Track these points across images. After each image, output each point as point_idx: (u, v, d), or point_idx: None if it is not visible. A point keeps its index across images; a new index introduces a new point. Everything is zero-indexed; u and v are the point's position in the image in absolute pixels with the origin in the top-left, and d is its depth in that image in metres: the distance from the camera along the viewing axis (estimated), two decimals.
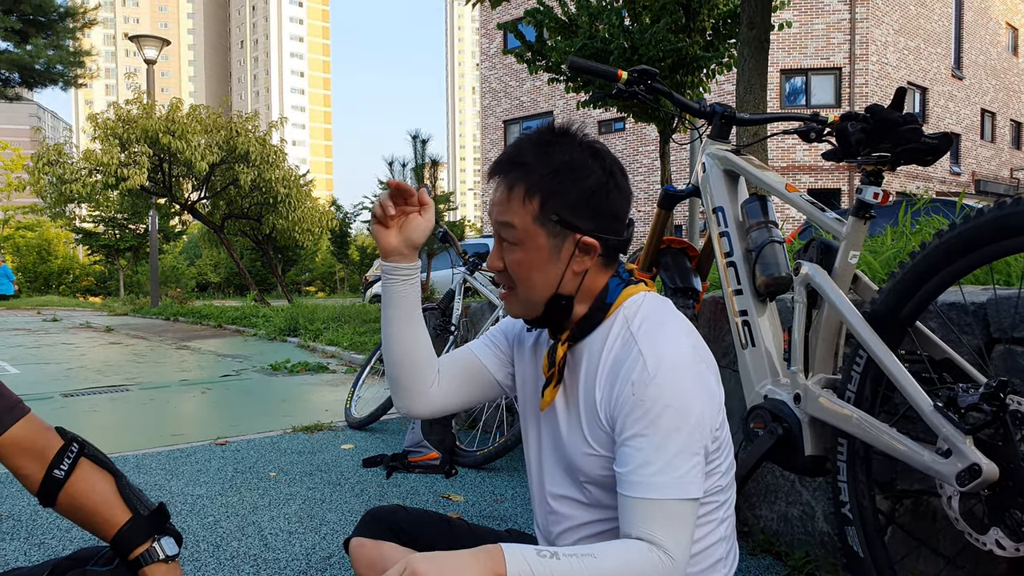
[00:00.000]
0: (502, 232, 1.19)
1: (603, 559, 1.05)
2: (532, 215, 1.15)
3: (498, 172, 1.20)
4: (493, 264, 1.21)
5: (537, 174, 1.16)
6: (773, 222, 1.82)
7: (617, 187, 1.19)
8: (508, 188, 1.17)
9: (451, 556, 1.02)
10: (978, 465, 1.17)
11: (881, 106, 1.44)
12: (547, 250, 1.17)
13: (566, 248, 1.17)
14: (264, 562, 2.14)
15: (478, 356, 1.40)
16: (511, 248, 1.18)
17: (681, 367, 1.11)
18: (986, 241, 1.23)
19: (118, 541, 1.29)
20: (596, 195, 1.16)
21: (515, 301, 1.22)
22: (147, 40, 14.67)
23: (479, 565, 1.00)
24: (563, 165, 1.16)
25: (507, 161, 1.19)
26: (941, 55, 23.49)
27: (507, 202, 1.17)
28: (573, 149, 1.18)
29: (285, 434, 3.89)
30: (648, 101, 2.04)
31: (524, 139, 1.22)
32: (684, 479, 1.08)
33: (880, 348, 1.38)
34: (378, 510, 1.55)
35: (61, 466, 1.28)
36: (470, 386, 1.40)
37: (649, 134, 20.79)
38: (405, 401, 1.37)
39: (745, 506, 2.25)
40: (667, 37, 7.03)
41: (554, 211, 1.15)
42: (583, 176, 1.16)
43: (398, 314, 1.30)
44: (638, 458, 1.09)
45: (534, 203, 1.15)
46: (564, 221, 1.15)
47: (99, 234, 27.10)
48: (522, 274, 1.18)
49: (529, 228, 1.16)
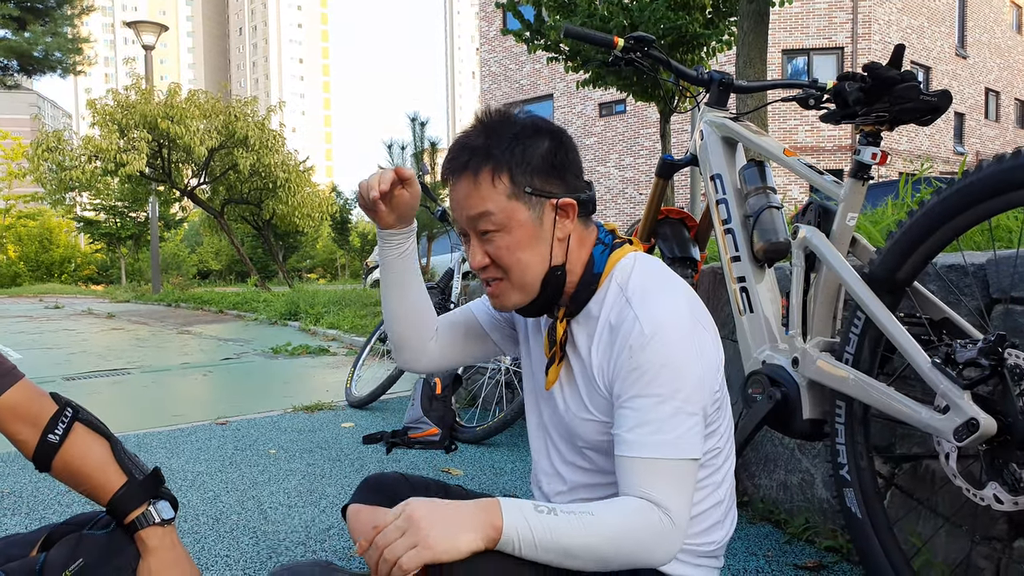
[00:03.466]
0: (479, 225, 1.16)
1: (601, 516, 1.04)
2: (505, 193, 1.14)
3: (455, 168, 1.17)
4: (476, 263, 1.18)
5: (496, 151, 1.14)
6: (771, 188, 1.80)
7: (569, 145, 1.20)
8: (473, 175, 1.15)
9: (450, 504, 1.03)
10: (975, 419, 1.16)
11: (879, 64, 1.42)
12: (530, 224, 1.16)
13: (546, 217, 1.17)
14: (263, 534, 2.15)
15: (476, 316, 1.43)
16: (493, 236, 1.16)
17: (677, 328, 1.10)
18: (985, 196, 1.22)
19: (113, 505, 1.29)
20: (556, 156, 1.16)
21: (509, 290, 1.19)
22: (145, 26, 14.59)
23: (475, 517, 1.01)
24: (515, 137, 1.16)
25: (461, 151, 1.17)
26: (945, 34, 23.30)
27: (476, 191, 1.15)
28: (515, 124, 1.18)
29: (286, 413, 3.89)
30: (645, 68, 2.02)
31: (463, 135, 1.20)
32: (682, 439, 1.07)
33: (878, 308, 1.37)
34: (376, 477, 1.56)
35: (56, 431, 1.28)
36: (467, 343, 1.43)
37: (650, 116, 20.68)
38: (405, 355, 1.42)
39: (744, 475, 2.25)
40: (666, 15, 6.96)
41: (525, 183, 1.14)
42: (537, 142, 1.16)
43: (397, 274, 1.35)
44: (635, 418, 1.08)
45: (504, 180, 1.14)
46: (537, 190, 1.15)
47: (100, 222, 27.10)
48: (512, 258, 1.16)
49: (507, 207, 1.14)
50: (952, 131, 23.90)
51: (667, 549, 1.06)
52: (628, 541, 1.03)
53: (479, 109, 1.28)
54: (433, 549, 0.97)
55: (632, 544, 1.04)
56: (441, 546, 0.98)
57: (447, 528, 0.99)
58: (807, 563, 1.82)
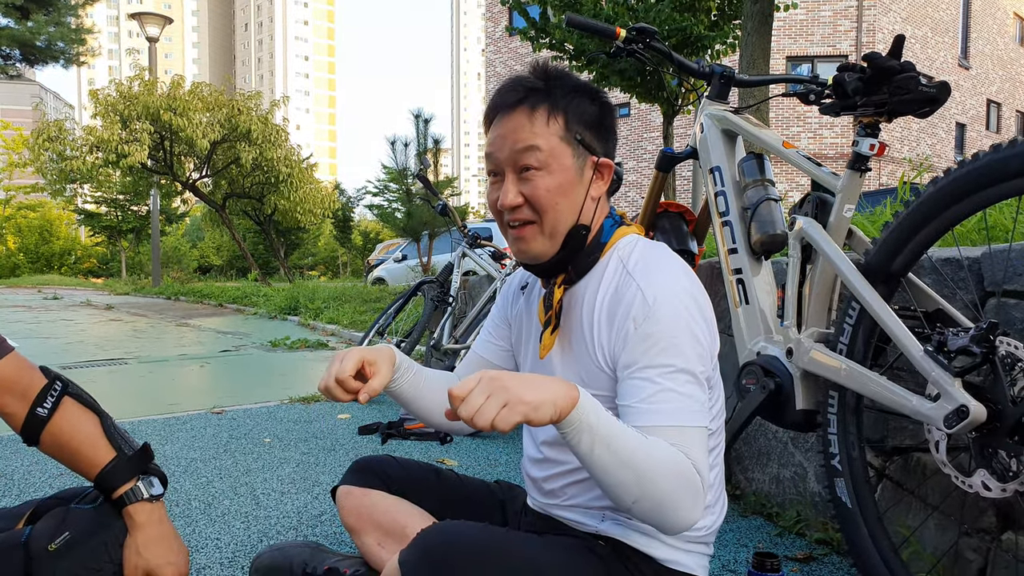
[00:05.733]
0: (521, 159, 1.15)
1: (655, 442, 1.02)
2: (558, 134, 1.15)
3: (509, 101, 1.18)
4: (509, 201, 1.15)
5: (557, 94, 1.16)
6: (770, 180, 1.80)
7: (614, 114, 1.23)
8: (530, 109, 1.15)
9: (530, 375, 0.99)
10: (966, 406, 1.16)
11: (878, 53, 1.42)
12: (573, 171, 1.16)
13: (586, 171, 1.18)
14: (255, 519, 2.14)
15: (483, 355, 1.44)
16: (535, 175, 1.15)
17: (679, 299, 1.11)
18: (980, 186, 1.22)
19: (102, 480, 1.29)
20: (605, 116, 1.20)
21: (538, 234, 1.18)
22: (149, 18, 14.58)
23: (554, 382, 0.97)
24: (576, 87, 1.18)
25: (517, 87, 1.18)
26: (948, 44, 23.31)
27: (530, 124, 1.15)
28: (573, 79, 1.21)
29: (282, 404, 3.89)
30: (647, 60, 2.03)
31: (524, 76, 1.21)
32: (692, 406, 1.07)
33: (872, 297, 1.37)
34: (367, 459, 1.56)
35: (44, 404, 1.27)
36: None
37: (654, 119, 20.68)
38: (456, 428, 1.43)
39: (738, 469, 2.25)
40: (671, 16, 6.97)
41: (576, 131, 1.16)
42: (591, 99, 1.19)
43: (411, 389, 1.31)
44: (647, 388, 1.07)
45: (559, 121, 1.15)
46: (585, 142, 1.17)
47: (101, 215, 27.07)
48: (550, 200, 1.15)
49: (556, 148, 1.15)
50: (953, 142, 23.91)
51: (694, 505, 1.02)
52: (670, 475, 1.00)
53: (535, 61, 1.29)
54: (528, 404, 0.92)
55: (672, 480, 1.00)
56: (534, 400, 0.93)
57: (533, 386, 0.95)
58: (797, 555, 1.82)
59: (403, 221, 10.38)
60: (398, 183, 10.90)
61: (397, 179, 10.89)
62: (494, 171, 1.19)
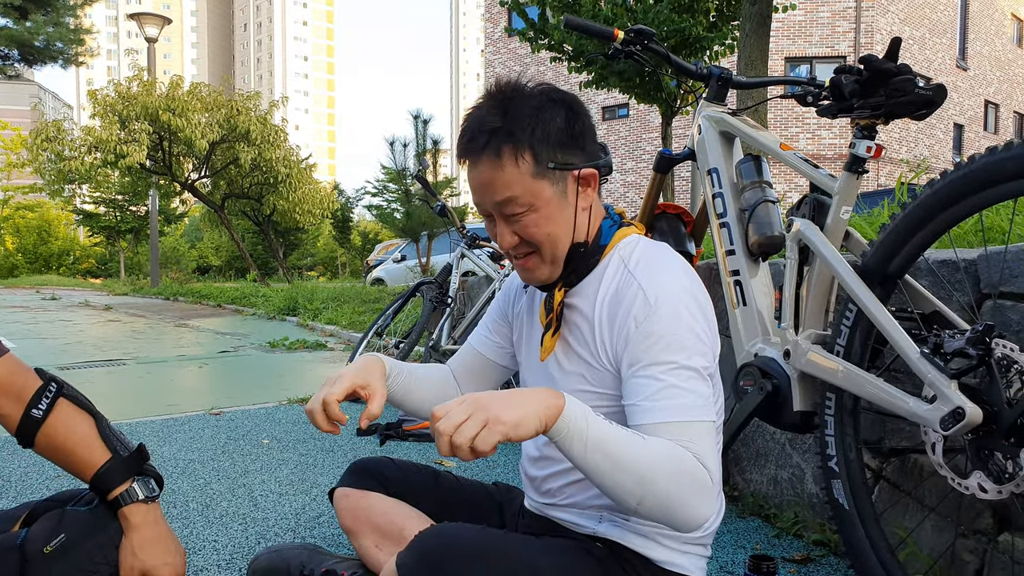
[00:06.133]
0: (505, 209, 1.14)
1: (651, 441, 1.01)
2: (530, 173, 1.13)
3: (473, 150, 1.15)
4: (506, 244, 1.17)
5: (518, 127, 1.12)
6: (768, 182, 1.80)
7: (583, 111, 1.19)
8: (495, 157, 1.12)
9: (508, 390, 1.00)
10: (962, 409, 1.16)
11: (875, 56, 1.42)
12: (555, 199, 1.15)
13: (570, 189, 1.17)
14: (253, 521, 2.14)
15: (479, 351, 1.45)
16: (521, 216, 1.15)
17: (680, 298, 1.11)
18: (977, 188, 1.22)
19: (97, 481, 1.28)
20: (574, 126, 1.16)
21: (540, 264, 1.19)
22: (148, 18, 14.57)
23: (538, 395, 0.98)
24: (533, 112, 1.14)
25: (479, 132, 1.14)
26: (946, 45, 23.34)
27: (500, 174, 1.12)
28: (530, 97, 1.16)
29: (280, 405, 3.89)
30: (645, 62, 2.03)
31: (476, 112, 1.18)
32: (697, 402, 1.07)
33: (869, 299, 1.37)
34: (364, 461, 1.56)
35: (39, 406, 1.27)
36: (482, 379, 1.46)
37: (652, 120, 20.69)
38: None
39: (736, 470, 2.25)
40: (670, 17, 6.99)
41: (547, 159, 1.13)
42: (553, 114, 1.15)
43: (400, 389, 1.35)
44: (651, 386, 1.07)
45: (527, 159, 1.12)
46: (559, 164, 1.14)
47: (99, 216, 27.05)
48: (541, 234, 1.16)
49: (532, 187, 1.13)
50: (951, 143, 23.93)
51: (702, 502, 1.01)
52: (672, 473, 0.99)
53: (488, 83, 1.28)
54: (506, 424, 0.93)
55: (674, 478, 0.99)
56: (512, 419, 0.93)
57: (512, 404, 0.95)
58: (795, 556, 1.82)
59: (402, 222, 10.39)
60: (397, 184, 10.91)
61: (396, 180, 10.90)
62: (486, 214, 1.20)
